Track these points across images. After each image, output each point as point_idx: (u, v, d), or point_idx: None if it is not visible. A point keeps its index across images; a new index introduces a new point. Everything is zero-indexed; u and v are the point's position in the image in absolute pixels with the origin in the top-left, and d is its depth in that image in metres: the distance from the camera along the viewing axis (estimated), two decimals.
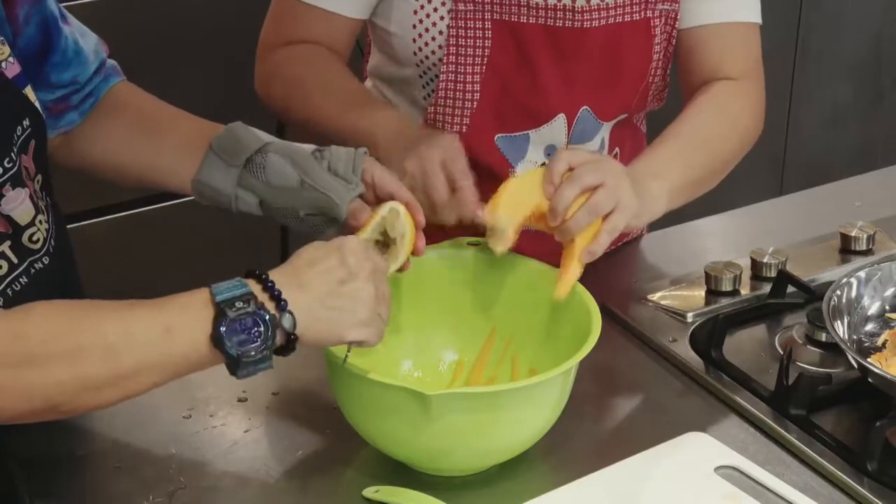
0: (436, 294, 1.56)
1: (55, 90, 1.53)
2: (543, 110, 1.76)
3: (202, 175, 1.51)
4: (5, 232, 1.40)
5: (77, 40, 1.54)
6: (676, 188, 1.66)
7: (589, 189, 1.51)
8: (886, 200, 2.01)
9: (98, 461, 1.46)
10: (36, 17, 1.48)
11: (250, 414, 1.53)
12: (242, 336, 1.25)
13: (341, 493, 1.43)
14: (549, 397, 1.41)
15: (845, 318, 1.60)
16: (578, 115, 1.77)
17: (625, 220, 1.53)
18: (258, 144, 1.50)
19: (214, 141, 1.51)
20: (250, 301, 1.26)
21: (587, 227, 1.51)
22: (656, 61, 1.78)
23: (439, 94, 1.74)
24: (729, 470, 1.43)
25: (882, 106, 3.83)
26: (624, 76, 1.77)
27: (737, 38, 1.81)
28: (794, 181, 3.55)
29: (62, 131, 1.56)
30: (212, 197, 1.52)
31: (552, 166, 1.52)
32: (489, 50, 1.71)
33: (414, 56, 1.74)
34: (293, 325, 1.28)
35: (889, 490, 1.41)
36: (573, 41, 1.72)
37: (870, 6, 3.68)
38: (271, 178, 1.48)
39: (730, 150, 1.77)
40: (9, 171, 1.39)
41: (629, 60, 1.76)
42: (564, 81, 1.74)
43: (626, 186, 1.54)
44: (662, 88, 1.85)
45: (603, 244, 1.52)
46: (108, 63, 1.59)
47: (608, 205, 1.51)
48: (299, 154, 1.49)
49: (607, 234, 1.52)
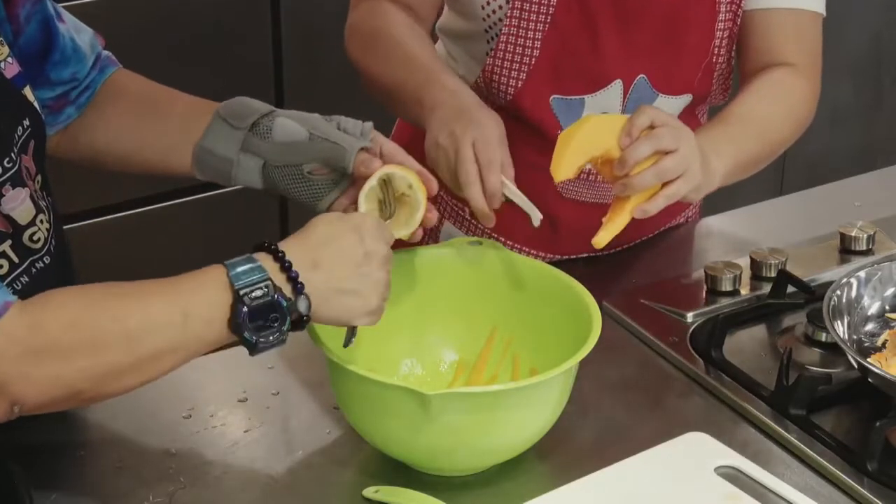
0: (436, 294, 1.56)
1: (55, 87, 1.53)
2: (601, 74, 1.76)
3: (205, 141, 1.51)
4: (6, 231, 1.40)
5: (73, 37, 1.54)
6: (731, 168, 1.68)
7: (663, 151, 1.53)
8: (886, 200, 2.01)
9: (98, 461, 1.46)
10: (37, 17, 1.48)
11: (250, 414, 1.53)
12: (259, 322, 1.28)
13: (341, 493, 1.43)
14: (549, 397, 1.41)
15: (845, 318, 1.60)
16: (635, 83, 1.77)
17: (686, 190, 1.55)
18: (266, 110, 1.51)
19: (222, 107, 1.51)
20: (268, 288, 1.28)
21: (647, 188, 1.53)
22: (719, 39, 1.78)
23: (499, 47, 1.75)
24: (729, 470, 1.43)
25: (882, 106, 3.83)
26: (684, 49, 1.77)
27: (801, 26, 1.81)
28: (794, 181, 3.55)
29: (60, 127, 1.56)
30: (213, 165, 1.52)
31: (635, 119, 1.54)
32: (553, 8, 1.72)
33: (481, 10, 1.76)
34: (308, 307, 1.30)
35: (889, 490, 1.41)
36: (637, 7, 1.73)
37: (870, 6, 3.68)
38: (277, 136, 1.48)
39: (784, 138, 1.79)
40: (9, 170, 1.39)
41: (691, 34, 1.76)
42: (624, 47, 1.75)
43: (696, 158, 1.56)
44: (727, 75, 1.84)
45: (659, 206, 1.54)
46: (104, 54, 1.60)
47: (676, 171, 1.53)
48: (308, 116, 1.50)
49: (665, 198, 1.54)
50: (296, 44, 2.91)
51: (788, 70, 1.79)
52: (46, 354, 1.24)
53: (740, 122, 1.73)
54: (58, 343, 1.24)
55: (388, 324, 1.52)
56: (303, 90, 2.93)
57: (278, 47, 2.90)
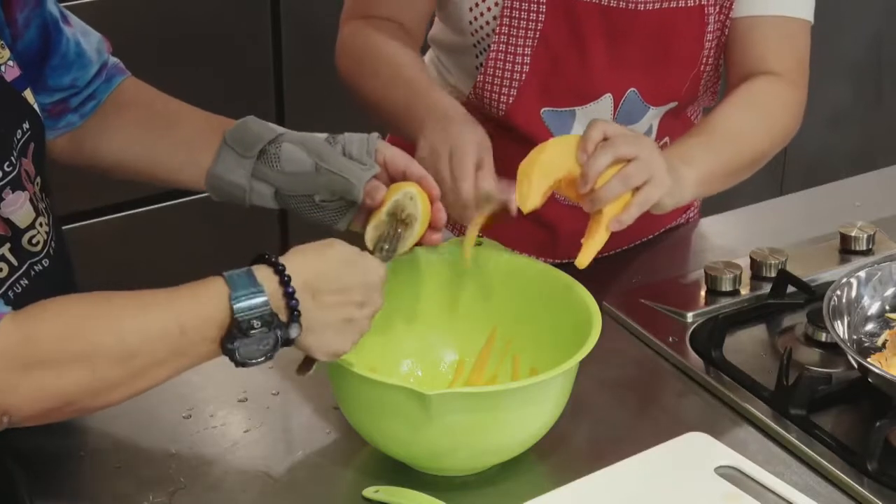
0: (437, 294, 1.56)
1: (53, 93, 1.53)
2: (590, 88, 1.77)
3: (216, 169, 1.51)
4: (5, 235, 1.40)
5: (79, 41, 1.53)
6: (705, 177, 1.66)
7: (622, 160, 1.52)
8: (886, 200, 2.01)
9: (98, 461, 1.46)
10: (36, 21, 1.47)
11: (250, 414, 1.53)
12: (252, 347, 1.29)
13: (341, 493, 1.43)
14: (549, 397, 1.41)
15: (845, 318, 1.60)
16: (625, 97, 1.78)
17: (658, 194, 1.54)
18: (271, 135, 1.50)
19: (228, 134, 1.51)
20: (265, 318, 1.28)
21: (616, 199, 1.52)
22: (708, 49, 1.78)
23: (489, 63, 1.75)
24: (729, 470, 1.43)
25: (882, 106, 3.83)
26: (674, 61, 1.78)
27: (786, 34, 1.80)
28: (794, 181, 3.55)
29: (61, 133, 1.55)
30: (226, 191, 1.52)
31: (587, 134, 1.53)
32: (542, 24, 1.72)
33: (469, 25, 1.76)
34: (298, 334, 1.31)
35: (889, 490, 1.41)
36: (626, 22, 1.73)
37: (870, 6, 3.68)
38: (286, 166, 1.49)
39: (763, 149, 1.77)
40: (9, 174, 1.39)
41: (680, 46, 1.76)
42: (613, 61, 1.75)
43: (660, 162, 1.55)
44: (715, 80, 1.85)
45: (633, 216, 1.53)
46: (111, 62, 1.59)
47: (641, 177, 1.52)
48: (313, 141, 1.49)
49: (637, 206, 1.53)
50: (296, 46, 2.91)
51: (772, 79, 1.78)
52: (38, 367, 1.24)
53: (714, 132, 1.71)
54: (50, 356, 1.24)
55: (388, 324, 1.52)
56: (303, 93, 2.93)
57: (278, 50, 2.90)
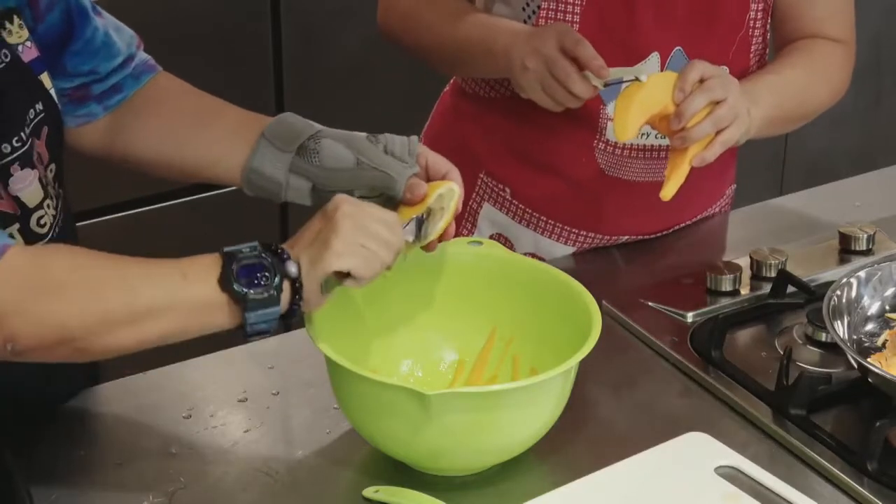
0: (436, 294, 1.56)
1: (73, 78, 1.53)
2: (638, 47, 1.78)
3: (254, 162, 1.51)
4: (14, 213, 1.41)
5: (108, 32, 1.54)
6: (765, 120, 1.74)
7: (715, 102, 1.63)
8: (886, 200, 2.01)
9: (98, 460, 1.47)
10: (60, 6, 1.48)
11: (250, 414, 1.53)
12: (249, 278, 1.31)
13: (341, 493, 1.43)
14: (549, 397, 1.41)
15: (845, 318, 1.60)
16: (672, 55, 1.79)
17: (738, 134, 1.66)
18: (311, 130, 1.51)
19: (267, 129, 1.52)
20: (256, 249, 1.33)
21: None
22: (754, 12, 1.81)
23: (539, 24, 1.76)
24: (729, 470, 1.43)
25: (882, 106, 3.83)
26: (720, 21, 1.80)
27: (840, 2, 1.87)
28: (794, 181, 3.54)
29: (83, 122, 1.55)
30: (262, 185, 1.52)
31: (686, 75, 1.64)
32: None
33: None
34: (297, 270, 1.33)
35: (889, 490, 1.41)
36: None
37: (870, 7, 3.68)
38: (326, 161, 1.49)
39: (820, 101, 1.87)
40: (18, 149, 1.40)
41: (726, 5, 1.79)
42: (660, 18, 1.78)
43: (743, 104, 1.67)
44: (762, 50, 1.87)
45: (716, 153, 1.64)
46: (140, 58, 1.58)
47: (729, 118, 1.64)
48: (354, 138, 1.50)
49: (721, 144, 1.64)
50: (296, 41, 2.91)
51: (829, 42, 1.85)
52: (46, 291, 1.28)
53: (780, 79, 1.80)
54: (58, 281, 1.29)
55: (388, 324, 1.52)
56: (302, 88, 2.93)
57: (278, 45, 2.90)
